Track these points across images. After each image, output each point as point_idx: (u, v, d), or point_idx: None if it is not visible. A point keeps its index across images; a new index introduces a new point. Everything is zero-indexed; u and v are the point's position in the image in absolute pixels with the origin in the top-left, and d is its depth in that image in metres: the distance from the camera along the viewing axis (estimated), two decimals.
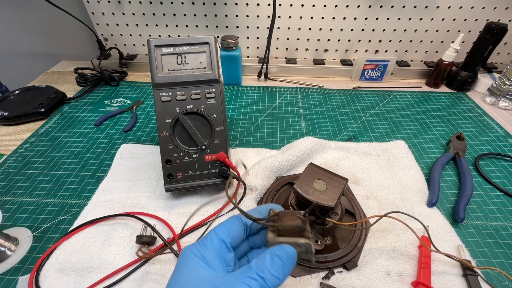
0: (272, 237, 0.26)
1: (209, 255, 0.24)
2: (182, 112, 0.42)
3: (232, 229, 0.27)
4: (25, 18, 0.82)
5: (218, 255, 0.25)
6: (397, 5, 0.72)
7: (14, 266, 0.37)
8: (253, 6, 0.74)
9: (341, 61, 0.82)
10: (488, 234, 0.41)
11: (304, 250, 0.25)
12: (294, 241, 0.25)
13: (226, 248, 0.25)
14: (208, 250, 0.25)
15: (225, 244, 0.26)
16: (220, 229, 0.27)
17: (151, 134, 0.59)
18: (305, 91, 0.75)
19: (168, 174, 0.43)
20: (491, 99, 0.70)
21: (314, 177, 0.37)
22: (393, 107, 0.69)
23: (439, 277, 0.35)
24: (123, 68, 0.81)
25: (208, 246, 0.25)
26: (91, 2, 0.76)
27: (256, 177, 0.46)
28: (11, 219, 0.42)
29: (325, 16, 0.75)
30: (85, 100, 0.70)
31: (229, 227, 0.27)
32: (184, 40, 0.42)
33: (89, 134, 0.59)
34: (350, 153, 0.53)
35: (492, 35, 0.66)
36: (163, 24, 0.79)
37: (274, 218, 0.27)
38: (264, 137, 0.59)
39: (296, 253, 0.24)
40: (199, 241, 0.26)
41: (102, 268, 0.36)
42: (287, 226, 0.26)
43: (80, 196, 0.46)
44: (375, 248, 0.38)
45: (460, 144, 0.55)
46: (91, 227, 0.41)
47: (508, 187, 0.48)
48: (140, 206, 0.43)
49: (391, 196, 0.45)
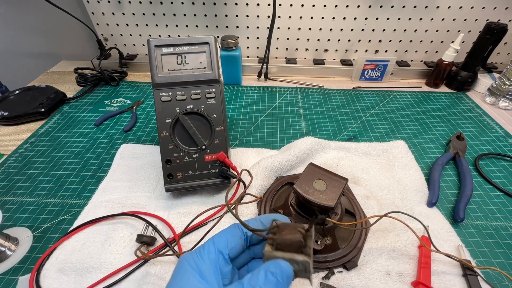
0: (269, 250, 0.24)
1: (204, 267, 0.23)
2: (182, 112, 0.42)
3: (231, 239, 0.26)
4: (25, 18, 0.82)
5: (215, 267, 0.24)
6: (397, 5, 0.72)
7: (14, 266, 0.37)
8: (253, 6, 0.74)
9: (341, 61, 0.82)
10: (488, 234, 0.41)
11: (302, 268, 0.23)
12: (291, 257, 0.23)
13: (223, 260, 0.25)
14: (204, 262, 0.24)
15: (222, 255, 0.25)
16: (218, 239, 0.25)
17: (151, 134, 0.59)
18: (305, 91, 0.75)
19: (168, 174, 0.43)
20: (491, 99, 0.70)
21: (314, 177, 0.37)
22: (393, 107, 0.69)
23: (439, 277, 0.35)
24: (123, 68, 0.81)
25: (204, 257, 0.24)
26: (91, 2, 0.76)
27: (256, 177, 0.46)
28: (11, 219, 0.42)
29: (325, 16, 0.75)
30: (85, 100, 0.70)
31: (228, 237, 0.26)
32: (184, 40, 0.42)
33: (89, 134, 0.59)
34: (350, 153, 0.53)
35: (492, 35, 0.66)
36: (163, 24, 0.79)
37: (275, 229, 0.25)
38: (264, 137, 0.59)
39: (292, 270, 0.23)
40: (197, 250, 0.25)
41: (102, 268, 0.36)
42: (285, 240, 0.24)
43: (80, 196, 0.46)
44: (375, 248, 0.38)
45: (460, 144, 0.55)
46: (91, 227, 0.41)
47: (508, 187, 0.48)
48: (140, 206, 0.43)
49: (391, 196, 0.45)
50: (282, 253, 0.23)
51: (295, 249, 0.24)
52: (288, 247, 0.24)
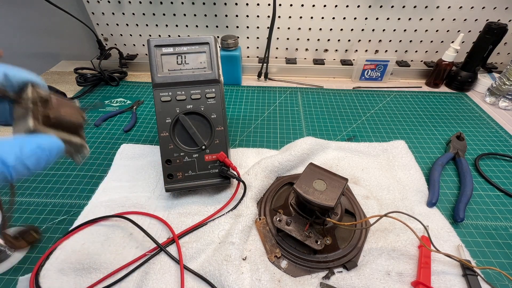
0: (38, 125, 0.21)
1: None
2: (182, 112, 0.42)
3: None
4: (25, 18, 0.81)
5: None
6: (397, 5, 0.72)
7: (14, 266, 0.37)
8: (253, 6, 0.74)
9: (341, 61, 0.82)
10: (488, 234, 0.41)
11: (74, 150, 0.22)
12: (69, 139, 0.21)
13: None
14: None
15: None
16: None
17: (151, 134, 0.59)
18: (305, 91, 0.75)
19: (168, 174, 0.43)
20: (491, 99, 0.70)
21: (314, 177, 0.37)
22: (393, 107, 0.69)
23: (439, 277, 0.35)
24: (123, 68, 0.81)
25: None
26: (91, 2, 0.76)
27: (256, 177, 0.46)
28: (11, 219, 0.42)
29: (325, 16, 0.75)
30: (85, 100, 0.70)
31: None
32: (184, 40, 0.42)
33: (89, 134, 0.59)
34: (350, 153, 0.53)
35: (492, 35, 0.66)
36: (163, 24, 0.79)
37: (38, 99, 0.22)
38: (264, 137, 0.59)
39: (63, 149, 0.21)
40: None
41: (102, 268, 0.36)
42: (63, 120, 0.22)
43: (80, 196, 0.46)
44: (375, 248, 0.38)
45: (460, 144, 0.55)
46: (91, 227, 0.41)
47: (508, 187, 0.48)
48: (140, 206, 0.43)
49: (391, 196, 0.45)
50: (59, 132, 0.22)
51: (72, 130, 0.22)
52: (64, 126, 0.22)
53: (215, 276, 0.34)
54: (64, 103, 0.23)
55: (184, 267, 0.36)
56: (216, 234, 0.39)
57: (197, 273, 0.35)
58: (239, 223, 0.39)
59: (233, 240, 0.37)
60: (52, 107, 0.22)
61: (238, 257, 0.35)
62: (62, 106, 0.22)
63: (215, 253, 0.36)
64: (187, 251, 0.37)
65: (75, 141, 0.21)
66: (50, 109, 0.22)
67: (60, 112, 0.22)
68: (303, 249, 0.38)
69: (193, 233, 0.40)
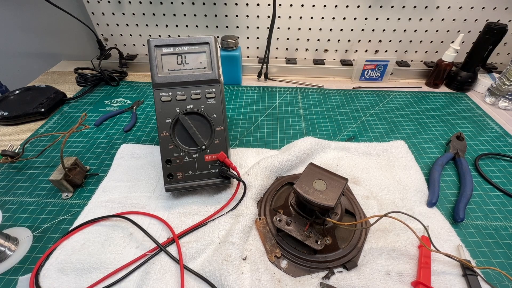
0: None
1: None
2: (182, 112, 0.42)
3: None
4: (25, 18, 0.81)
5: None
6: (397, 5, 0.72)
7: (14, 266, 0.37)
8: (253, 6, 0.74)
9: (341, 61, 0.82)
10: (488, 234, 0.41)
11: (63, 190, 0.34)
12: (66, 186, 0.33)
13: None
14: None
15: None
16: None
17: (151, 134, 0.59)
18: (305, 91, 0.75)
19: (168, 174, 0.43)
20: (491, 99, 0.70)
21: (314, 177, 0.37)
22: (393, 107, 0.69)
23: (439, 277, 0.35)
24: (123, 68, 0.81)
25: None
26: (91, 2, 0.76)
27: (256, 177, 0.46)
28: (11, 219, 0.42)
29: (325, 16, 0.75)
30: (85, 100, 0.70)
31: None
32: (184, 40, 0.42)
33: (89, 134, 0.59)
34: (350, 153, 0.53)
35: (492, 35, 0.66)
36: (163, 24, 0.79)
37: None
38: (264, 137, 0.59)
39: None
40: None
41: (102, 268, 0.36)
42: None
43: (80, 196, 0.46)
44: (375, 248, 0.38)
45: (460, 144, 0.55)
46: (91, 227, 0.41)
47: (508, 187, 0.48)
48: (140, 206, 0.43)
49: (391, 196, 0.45)
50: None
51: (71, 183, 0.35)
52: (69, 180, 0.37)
53: (215, 276, 0.34)
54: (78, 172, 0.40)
55: (184, 267, 0.36)
56: (216, 234, 0.39)
57: (197, 273, 0.35)
58: (239, 223, 0.39)
59: (233, 240, 0.37)
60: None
61: (238, 257, 0.35)
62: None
63: (215, 253, 0.36)
64: (187, 251, 0.37)
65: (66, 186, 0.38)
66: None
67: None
68: (303, 249, 0.38)
69: (193, 233, 0.40)
